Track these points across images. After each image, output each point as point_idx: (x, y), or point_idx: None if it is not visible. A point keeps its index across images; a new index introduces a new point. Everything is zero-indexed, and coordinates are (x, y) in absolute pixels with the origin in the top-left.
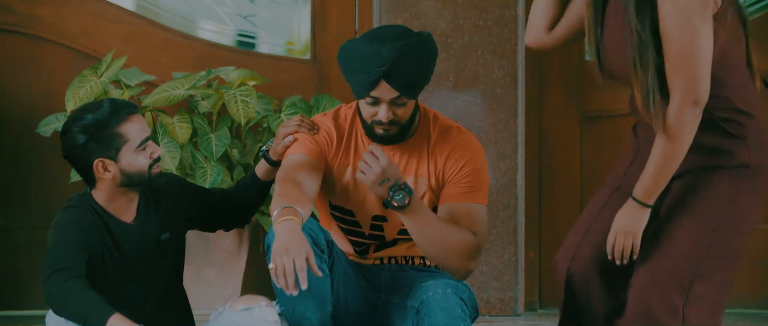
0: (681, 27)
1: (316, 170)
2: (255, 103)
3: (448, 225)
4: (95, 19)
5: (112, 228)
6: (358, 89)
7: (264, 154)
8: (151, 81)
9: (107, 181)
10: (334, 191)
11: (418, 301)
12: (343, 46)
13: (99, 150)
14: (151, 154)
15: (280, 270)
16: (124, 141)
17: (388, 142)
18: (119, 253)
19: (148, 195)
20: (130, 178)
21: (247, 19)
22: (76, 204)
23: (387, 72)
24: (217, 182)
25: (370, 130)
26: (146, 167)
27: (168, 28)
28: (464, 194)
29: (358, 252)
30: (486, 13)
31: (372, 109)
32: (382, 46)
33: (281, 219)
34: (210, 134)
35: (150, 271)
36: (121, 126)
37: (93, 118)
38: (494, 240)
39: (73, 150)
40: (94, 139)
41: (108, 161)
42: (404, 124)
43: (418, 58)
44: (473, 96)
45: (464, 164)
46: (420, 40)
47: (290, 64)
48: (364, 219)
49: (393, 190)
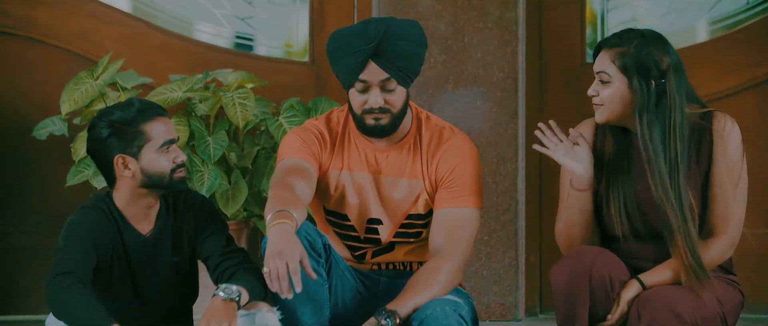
0: (737, 171)
1: (310, 174)
2: (253, 106)
3: (430, 286)
4: (91, 21)
5: (126, 237)
6: (347, 74)
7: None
8: (148, 83)
9: (127, 180)
10: (328, 195)
11: (417, 320)
12: (331, 34)
13: (121, 146)
14: (175, 159)
15: (274, 273)
16: (147, 139)
17: (380, 133)
18: (128, 265)
19: (169, 206)
20: (150, 179)
21: (244, 21)
22: (92, 205)
23: (375, 50)
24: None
25: (360, 122)
26: (168, 170)
27: (165, 30)
28: (453, 198)
29: (356, 258)
30: (486, 15)
31: (362, 97)
32: (369, 25)
33: (274, 222)
34: (207, 137)
35: (155, 292)
36: (145, 124)
37: (120, 114)
38: (494, 244)
39: (96, 144)
40: (117, 134)
41: (129, 158)
42: (396, 113)
43: (406, 36)
44: (473, 98)
45: (455, 166)
46: (408, 22)
47: (288, 66)
48: (359, 222)
49: (379, 316)
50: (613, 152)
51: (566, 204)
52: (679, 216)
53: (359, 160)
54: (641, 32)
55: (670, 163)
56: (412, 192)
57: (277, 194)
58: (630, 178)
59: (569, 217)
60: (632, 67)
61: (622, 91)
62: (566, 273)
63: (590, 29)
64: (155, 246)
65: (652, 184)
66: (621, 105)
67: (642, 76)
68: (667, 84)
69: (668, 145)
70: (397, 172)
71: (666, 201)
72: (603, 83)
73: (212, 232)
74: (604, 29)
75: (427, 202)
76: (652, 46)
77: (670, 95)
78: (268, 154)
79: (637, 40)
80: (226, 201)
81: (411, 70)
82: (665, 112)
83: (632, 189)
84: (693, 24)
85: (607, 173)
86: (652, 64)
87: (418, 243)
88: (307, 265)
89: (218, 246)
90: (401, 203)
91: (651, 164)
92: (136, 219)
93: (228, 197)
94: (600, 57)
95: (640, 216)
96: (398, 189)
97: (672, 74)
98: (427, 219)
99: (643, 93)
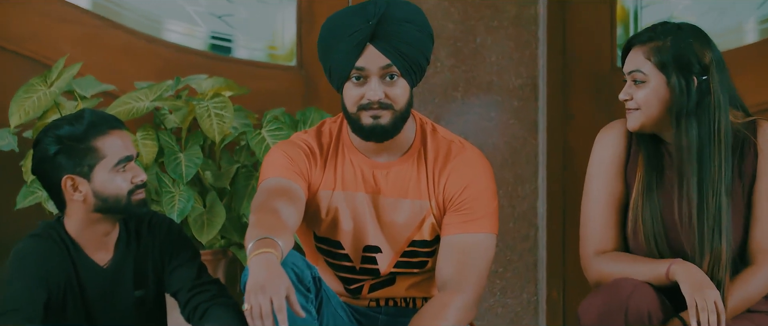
0: None
1: (297, 195)
2: (231, 117)
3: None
4: (45, 20)
5: (80, 268)
6: (342, 62)
7: None
8: (110, 91)
9: (78, 204)
10: (318, 220)
11: None
12: (325, 22)
13: (70, 165)
14: (133, 178)
15: (256, 311)
16: (99, 157)
17: (379, 135)
18: (83, 301)
19: (130, 233)
20: (104, 203)
21: (222, 19)
22: (41, 233)
23: (374, 30)
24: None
25: (356, 123)
26: (125, 191)
27: (129, 29)
28: (464, 223)
29: (351, 292)
30: (501, 12)
31: (358, 91)
32: (368, 3)
33: (257, 252)
34: (179, 153)
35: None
36: (98, 140)
37: (69, 128)
38: (510, 277)
39: (42, 163)
40: (65, 151)
41: (79, 179)
42: (398, 111)
43: (411, 19)
44: (486, 109)
45: (465, 187)
46: (412, 6)
47: (272, 71)
48: (355, 251)
49: None
50: (644, 165)
51: (637, 271)
52: (715, 237)
53: (355, 179)
54: (677, 25)
55: (710, 174)
56: (416, 216)
57: (259, 219)
58: (662, 196)
59: (628, 273)
60: (671, 62)
61: (661, 91)
62: (598, 308)
63: (621, 29)
64: (114, 278)
65: (680, 197)
66: (659, 107)
67: (682, 73)
68: (710, 82)
69: (709, 152)
70: (398, 192)
71: (697, 217)
72: (637, 84)
73: (182, 262)
74: (637, 29)
75: (434, 227)
76: (692, 39)
77: (714, 94)
78: (249, 173)
79: (673, 34)
80: (201, 227)
81: (415, 60)
82: (707, 115)
83: (664, 208)
84: (740, 23)
85: (637, 190)
86: (693, 58)
87: (423, 275)
88: (294, 301)
89: (189, 278)
90: (403, 228)
91: (684, 174)
92: (92, 248)
93: (203, 222)
94: (632, 55)
95: (674, 239)
96: (400, 211)
97: (715, 70)
98: (434, 247)
99: (683, 92)
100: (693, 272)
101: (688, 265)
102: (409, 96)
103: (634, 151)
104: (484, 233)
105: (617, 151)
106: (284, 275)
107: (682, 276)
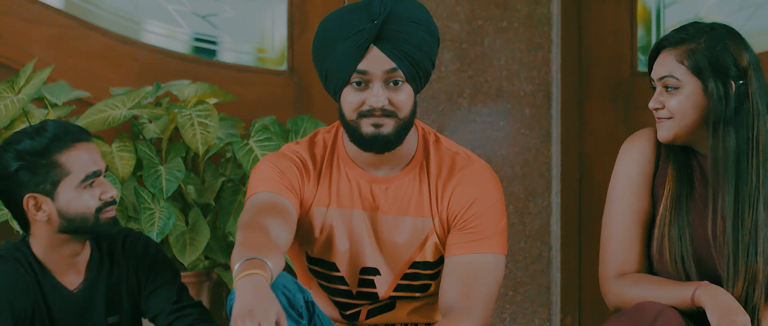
0: None
1: (288, 212)
2: (216, 127)
3: None
4: (12, 20)
5: (48, 293)
6: (342, 65)
7: None
8: (84, 98)
9: (42, 225)
10: (311, 239)
11: None
12: (322, 20)
13: (32, 182)
14: (102, 195)
15: None
16: (64, 173)
17: (381, 146)
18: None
19: (102, 254)
20: (70, 223)
21: (205, 20)
22: (6, 255)
23: (380, 30)
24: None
25: (355, 132)
26: (93, 210)
27: (105, 30)
28: (470, 242)
29: (347, 318)
30: (511, 12)
31: (359, 96)
32: (373, 1)
33: (244, 273)
34: (159, 166)
35: None
36: (62, 154)
37: (30, 143)
38: (521, 301)
39: (2, 180)
40: (27, 167)
41: (42, 197)
42: (402, 119)
43: (418, 19)
44: (495, 117)
45: (471, 203)
46: (418, 5)
47: (261, 76)
48: (351, 273)
49: None
50: (674, 179)
51: (660, 296)
52: (750, 255)
53: (351, 194)
54: (710, 25)
55: (748, 186)
56: (418, 235)
57: (246, 238)
58: (692, 212)
59: (650, 298)
60: (706, 66)
61: (697, 97)
62: None
63: (643, 30)
64: (86, 303)
65: (714, 212)
66: (695, 115)
67: (719, 78)
68: (748, 86)
69: (747, 163)
70: (398, 209)
71: (731, 233)
72: (668, 90)
73: (160, 284)
74: (659, 30)
75: (437, 247)
76: (727, 41)
77: (752, 100)
78: (236, 188)
79: (706, 34)
80: (183, 247)
81: (421, 64)
82: (746, 122)
83: (694, 226)
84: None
85: (665, 206)
86: (730, 61)
87: (426, 299)
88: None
89: (168, 302)
90: (404, 248)
91: (719, 187)
92: (60, 270)
93: (185, 242)
94: (661, 58)
95: (704, 260)
96: (400, 230)
97: (753, 74)
98: (437, 269)
99: (721, 98)
100: (721, 296)
101: (715, 289)
102: (414, 103)
103: (662, 163)
104: (493, 253)
105: (645, 164)
106: (274, 299)
107: (708, 301)
